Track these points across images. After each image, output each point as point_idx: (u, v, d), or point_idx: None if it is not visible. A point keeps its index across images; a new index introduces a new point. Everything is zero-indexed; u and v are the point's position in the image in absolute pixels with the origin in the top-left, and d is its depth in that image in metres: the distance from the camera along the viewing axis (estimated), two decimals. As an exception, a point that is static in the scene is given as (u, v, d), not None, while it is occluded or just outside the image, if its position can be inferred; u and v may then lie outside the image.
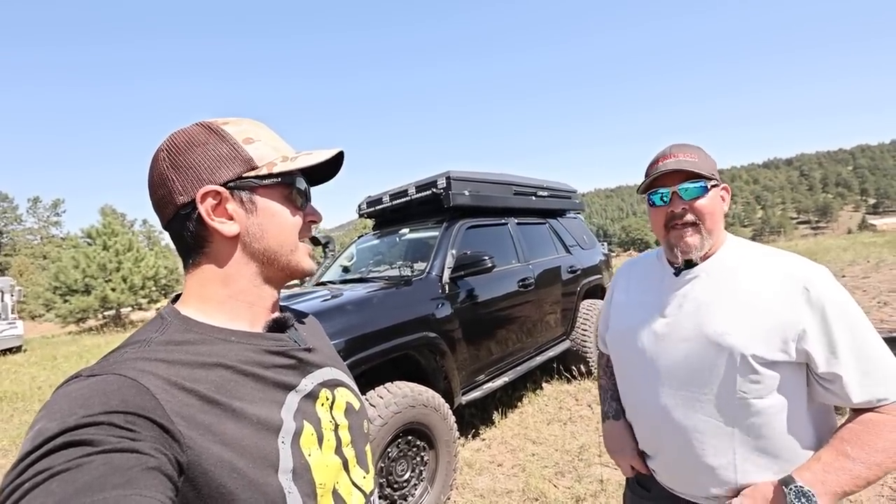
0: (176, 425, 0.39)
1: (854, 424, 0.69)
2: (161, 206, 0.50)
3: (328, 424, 0.54)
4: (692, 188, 0.79)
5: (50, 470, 0.32)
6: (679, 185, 0.79)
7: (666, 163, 0.81)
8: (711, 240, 0.81)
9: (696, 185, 0.78)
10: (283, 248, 0.54)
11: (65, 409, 0.35)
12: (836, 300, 0.71)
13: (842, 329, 0.70)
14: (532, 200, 3.79)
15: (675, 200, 0.81)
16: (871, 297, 5.74)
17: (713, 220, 0.80)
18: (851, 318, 0.71)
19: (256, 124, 0.55)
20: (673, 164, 0.79)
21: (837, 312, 0.70)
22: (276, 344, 0.53)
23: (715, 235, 0.81)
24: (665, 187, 0.81)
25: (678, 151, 0.82)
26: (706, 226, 0.80)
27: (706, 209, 0.79)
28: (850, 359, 0.69)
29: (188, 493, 0.39)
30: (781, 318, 0.72)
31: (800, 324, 0.71)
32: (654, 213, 0.86)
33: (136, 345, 0.45)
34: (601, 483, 2.27)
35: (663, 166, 0.81)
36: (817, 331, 0.70)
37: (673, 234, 0.82)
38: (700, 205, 0.79)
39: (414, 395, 2.07)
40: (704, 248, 0.81)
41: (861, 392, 0.68)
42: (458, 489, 2.39)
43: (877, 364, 0.69)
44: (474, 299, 2.75)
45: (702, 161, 0.80)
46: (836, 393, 0.71)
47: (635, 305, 0.93)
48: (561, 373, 3.86)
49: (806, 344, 0.70)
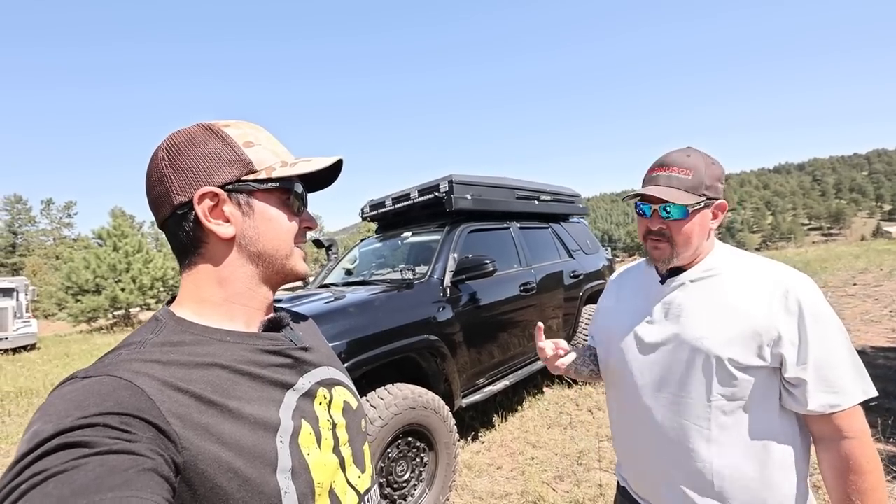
0: (172, 426, 0.39)
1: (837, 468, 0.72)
2: (158, 204, 0.50)
3: (326, 423, 0.54)
4: (673, 211, 0.80)
5: (46, 472, 0.31)
6: (661, 204, 0.81)
7: (657, 177, 0.82)
8: (683, 254, 0.83)
9: (678, 208, 0.80)
10: (278, 253, 0.54)
11: (60, 411, 0.35)
12: (815, 308, 0.73)
13: (815, 337, 0.71)
14: (535, 204, 3.80)
15: (655, 218, 0.83)
16: (882, 305, 5.63)
17: (686, 241, 0.82)
18: (826, 327, 0.72)
19: (257, 128, 0.56)
20: (657, 189, 0.80)
21: (813, 320, 0.72)
22: (272, 343, 0.53)
23: (690, 250, 0.83)
24: (648, 203, 0.84)
25: (675, 164, 0.81)
26: (678, 243, 0.82)
27: (683, 232, 0.81)
28: (813, 366, 0.71)
29: (184, 494, 0.39)
30: (759, 322, 0.74)
31: (776, 329, 0.73)
32: (639, 221, 0.90)
33: (132, 346, 0.45)
34: (600, 488, 2.27)
35: (652, 182, 0.82)
36: (792, 336, 0.72)
37: (649, 243, 0.87)
38: (677, 227, 0.81)
39: (414, 397, 2.09)
40: (672, 261, 0.84)
41: (816, 399, 0.70)
42: (458, 491, 2.40)
43: (837, 373, 0.70)
44: (476, 303, 2.78)
45: (695, 178, 0.79)
46: (796, 398, 0.73)
47: (623, 311, 0.96)
48: (562, 378, 3.86)
49: (780, 348, 0.72)
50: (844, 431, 0.70)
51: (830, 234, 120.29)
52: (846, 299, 6.28)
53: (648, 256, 0.90)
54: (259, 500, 0.42)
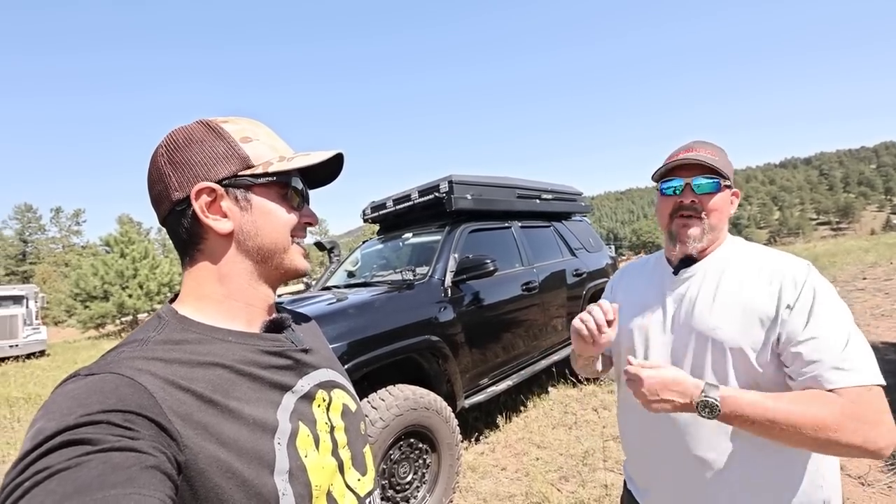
0: (173, 424, 0.39)
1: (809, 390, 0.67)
2: (158, 201, 0.51)
3: (324, 426, 0.54)
4: (706, 183, 0.80)
5: (49, 469, 0.32)
6: (694, 178, 0.81)
7: (686, 155, 0.82)
8: (711, 235, 0.82)
9: (710, 181, 0.80)
10: (276, 247, 0.53)
11: (63, 409, 0.35)
12: (818, 290, 0.72)
13: (822, 316, 0.70)
14: (536, 203, 3.79)
15: (688, 192, 0.82)
16: (893, 299, 5.54)
17: (719, 217, 0.81)
18: (832, 306, 0.71)
19: (256, 123, 0.56)
20: (693, 157, 0.80)
21: (819, 300, 0.71)
22: (273, 344, 0.53)
23: (716, 232, 0.82)
24: (680, 178, 0.83)
25: (700, 147, 0.84)
26: (710, 221, 0.81)
27: (715, 206, 0.80)
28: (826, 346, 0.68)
29: (184, 493, 0.39)
30: (768, 309, 0.73)
31: (781, 309, 0.72)
32: (662, 202, 0.87)
33: (134, 344, 0.45)
34: (605, 488, 2.24)
35: (683, 158, 0.82)
36: (799, 317, 0.70)
37: (677, 222, 0.84)
38: (710, 201, 0.81)
39: (415, 398, 2.09)
40: (703, 241, 0.82)
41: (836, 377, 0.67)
42: (461, 492, 2.39)
43: (851, 350, 0.68)
44: (477, 303, 2.76)
45: (721, 160, 0.81)
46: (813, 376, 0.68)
47: (635, 304, 0.94)
48: (566, 377, 3.83)
49: (786, 328, 0.71)
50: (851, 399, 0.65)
51: (839, 229, 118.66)
52: (856, 294, 6.18)
53: (674, 239, 0.85)
54: (257, 502, 0.42)
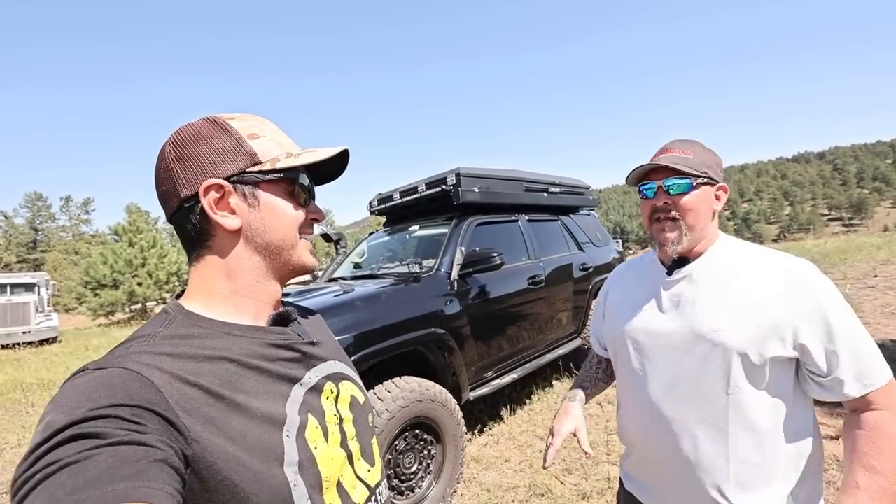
0: (181, 419, 0.39)
1: (863, 431, 0.70)
2: (166, 198, 0.51)
3: (332, 418, 0.54)
4: (677, 184, 0.80)
5: (60, 462, 0.32)
6: (665, 179, 0.81)
7: (658, 158, 0.83)
8: (692, 235, 0.82)
9: (681, 182, 0.80)
10: (284, 243, 0.54)
11: (72, 402, 0.36)
12: (830, 296, 0.72)
13: (837, 324, 0.70)
14: (543, 197, 3.76)
15: (660, 194, 0.82)
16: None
17: (695, 217, 0.81)
18: (844, 313, 0.72)
19: (262, 120, 0.56)
20: (663, 160, 0.81)
21: (831, 308, 0.71)
22: (280, 337, 0.53)
23: (697, 232, 0.82)
24: (653, 181, 0.83)
25: (676, 147, 0.84)
26: (687, 221, 0.81)
27: (688, 205, 0.80)
28: (843, 352, 0.70)
29: (194, 486, 0.39)
30: (775, 313, 0.73)
31: (795, 318, 0.72)
32: (642, 206, 0.88)
33: (141, 339, 0.45)
34: (608, 481, 2.26)
35: (650, 163, 0.83)
36: (814, 326, 0.71)
37: (655, 226, 0.85)
38: (683, 201, 0.80)
39: (421, 389, 2.10)
40: (683, 243, 0.82)
41: (857, 386, 0.70)
42: (465, 483, 2.42)
43: (866, 356, 0.70)
44: (483, 296, 2.77)
45: (696, 158, 0.81)
46: (830, 388, 0.72)
47: (630, 306, 0.94)
48: (571, 371, 3.84)
49: (802, 338, 0.71)
50: (877, 405, 0.70)
51: (851, 225, 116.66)
52: (866, 291, 6.09)
53: (656, 243, 0.87)
54: (269, 493, 0.43)
